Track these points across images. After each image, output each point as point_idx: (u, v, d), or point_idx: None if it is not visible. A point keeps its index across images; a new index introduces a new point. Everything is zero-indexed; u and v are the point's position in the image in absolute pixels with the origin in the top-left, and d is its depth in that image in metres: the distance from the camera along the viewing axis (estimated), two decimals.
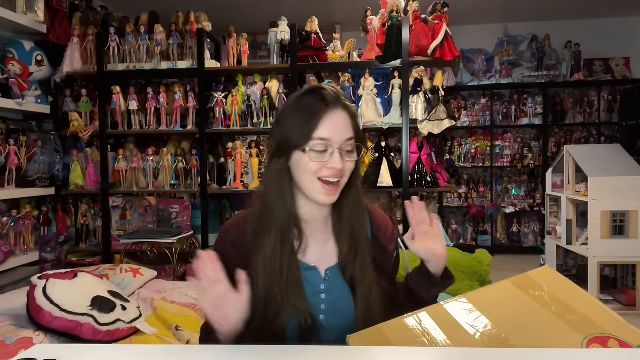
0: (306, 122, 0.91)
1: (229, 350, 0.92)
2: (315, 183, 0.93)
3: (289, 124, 0.94)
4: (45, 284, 1.68)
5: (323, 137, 0.91)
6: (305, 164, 0.92)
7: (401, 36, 2.77)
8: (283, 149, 0.94)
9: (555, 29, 4.97)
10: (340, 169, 0.92)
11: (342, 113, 0.94)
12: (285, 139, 0.93)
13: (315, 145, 0.91)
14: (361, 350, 0.82)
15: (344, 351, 0.82)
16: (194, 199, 3.29)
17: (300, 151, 0.92)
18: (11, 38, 2.80)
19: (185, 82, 3.12)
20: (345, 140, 0.92)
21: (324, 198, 0.94)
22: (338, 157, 0.91)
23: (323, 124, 0.91)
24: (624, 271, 3.34)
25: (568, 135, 5.04)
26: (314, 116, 0.91)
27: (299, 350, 0.86)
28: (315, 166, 0.91)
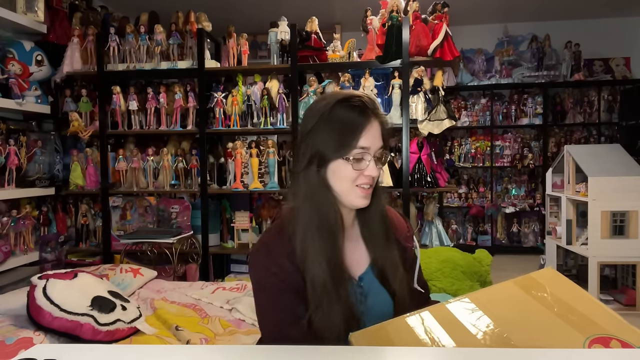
0: (349, 132, 0.93)
1: (229, 351, 0.92)
2: (353, 189, 0.95)
3: (328, 133, 0.94)
4: (45, 284, 1.67)
5: (364, 147, 0.93)
6: (345, 172, 0.94)
7: (401, 36, 2.77)
8: (321, 158, 0.95)
9: (555, 29, 4.97)
10: (376, 176, 0.96)
11: (377, 122, 0.96)
12: (324, 148, 0.94)
13: (356, 154, 0.93)
14: (367, 350, 0.82)
15: (350, 351, 0.82)
16: (194, 199, 3.29)
17: (342, 160, 0.94)
18: (11, 38, 2.79)
19: (185, 82, 3.12)
20: (379, 149, 0.96)
21: (361, 201, 0.97)
22: (374, 165, 0.95)
23: (365, 133, 0.94)
24: (624, 271, 3.34)
25: (568, 135, 5.04)
26: (358, 126, 0.93)
27: (308, 350, 0.86)
28: (354, 174, 0.94)
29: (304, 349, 0.87)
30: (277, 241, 0.96)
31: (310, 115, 0.99)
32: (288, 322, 0.92)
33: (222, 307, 2.12)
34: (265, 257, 0.95)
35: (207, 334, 1.82)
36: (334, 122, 0.94)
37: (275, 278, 0.92)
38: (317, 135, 0.95)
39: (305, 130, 0.98)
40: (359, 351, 0.82)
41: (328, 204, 0.96)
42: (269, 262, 0.94)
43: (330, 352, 0.83)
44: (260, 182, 3.01)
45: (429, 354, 0.79)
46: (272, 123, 3.00)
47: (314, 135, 0.96)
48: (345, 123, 0.94)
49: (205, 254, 3.05)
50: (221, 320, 1.96)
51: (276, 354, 0.86)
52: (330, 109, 0.95)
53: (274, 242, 0.96)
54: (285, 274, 0.92)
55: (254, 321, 1.97)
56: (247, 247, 3.12)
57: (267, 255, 0.95)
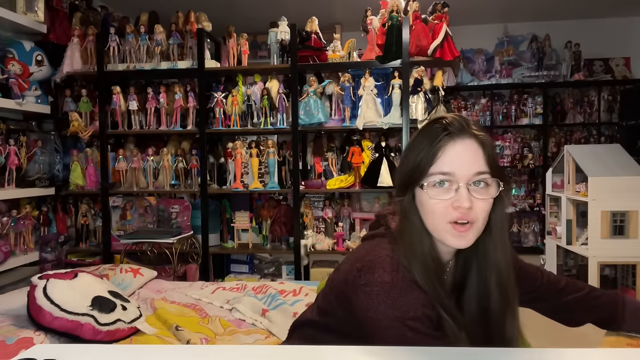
0: (425, 154, 0.83)
1: (229, 351, 0.92)
2: (442, 223, 0.83)
3: (410, 156, 0.86)
4: (46, 284, 1.67)
5: (444, 172, 0.81)
6: (427, 202, 0.83)
7: (401, 36, 2.77)
8: (405, 184, 0.86)
9: (555, 29, 4.97)
10: (468, 207, 0.80)
11: (470, 143, 0.83)
12: (406, 173, 0.86)
13: (434, 181, 0.82)
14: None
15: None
16: (194, 199, 3.29)
17: (418, 187, 0.84)
18: (11, 38, 2.79)
19: (185, 82, 3.12)
20: (474, 174, 0.81)
21: (453, 240, 0.83)
22: (465, 194, 0.80)
23: (444, 156, 0.82)
24: (624, 271, 3.34)
25: (568, 135, 5.04)
26: (433, 148, 0.82)
27: (308, 350, 0.86)
28: (438, 205, 0.82)
29: (304, 349, 0.87)
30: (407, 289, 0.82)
31: (408, 146, 0.91)
32: None
33: (222, 307, 2.13)
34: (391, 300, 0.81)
35: (207, 333, 1.82)
36: (416, 144, 0.86)
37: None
38: (405, 157, 0.88)
39: (403, 151, 0.94)
40: (349, 350, 0.82)
41: (425, 242, 0.85)
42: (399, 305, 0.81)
43: (330, 352, 0.83)
44: (260, 182, 3.01)
45: (428, 354, 0.79)
46: (272, 123, 3.00)
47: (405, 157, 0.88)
48: (423, 145, 0.84)
49: (205, 254, 3.06)
50: (221, 320, 1.96)
51: (276, 354, 0.86)
52: (419, 130, 0.88)
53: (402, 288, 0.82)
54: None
55: (254, 321, 1.98)
56: (247, 247, 3.12)
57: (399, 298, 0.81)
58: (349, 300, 0.88)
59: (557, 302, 1.08)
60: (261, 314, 2.02)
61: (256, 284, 2.32)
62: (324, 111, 2.90)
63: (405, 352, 0.79)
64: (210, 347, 1.19)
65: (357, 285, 0.84)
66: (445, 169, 0.81)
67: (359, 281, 0.84)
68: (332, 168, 3.06)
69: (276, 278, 3.13)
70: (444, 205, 0.82)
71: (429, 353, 0.79)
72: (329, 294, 0.99)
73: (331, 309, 0.97)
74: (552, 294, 1.08)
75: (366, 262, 0.86)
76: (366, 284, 0.83)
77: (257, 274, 3.26)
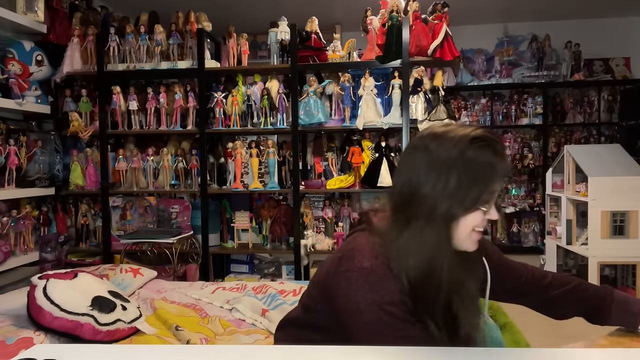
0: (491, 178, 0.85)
1: (229, 351, 0.92)
2: (471, 235, 0.89)
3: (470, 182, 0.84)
4: (46, 284, 1.67)
5: (496, 191, 0.87)
6: (473, 221, 0.87)
7: (401, 36, 2.77)
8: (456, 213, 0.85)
9: (555, 29, 4.97)
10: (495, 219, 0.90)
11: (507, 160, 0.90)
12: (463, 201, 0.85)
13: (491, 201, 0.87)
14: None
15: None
16: (194, 199, 3.29)
17: (480, 211, 0.86)
18: (11, 38, 2.79)
19: (185, 82, 3.12)
20: (500, 189, 0.90)
21: (474, 246, 0.91)
22: (494, 208, 0.88)
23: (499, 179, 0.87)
24: (624, 271, 3.34)
25: (568, 135, 5.04)
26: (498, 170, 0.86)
27: (309, 350, 0.86)
28: (478, 220, 0.87)
29: (304, 349, 0.87)
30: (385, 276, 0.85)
31: (430, 160, 0.87)
32: None
33: (222, 307, 2.13)
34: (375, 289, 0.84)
35: (207, 333, 1.82)
36: (473, 169, 0.84)
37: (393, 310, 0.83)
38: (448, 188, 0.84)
39: (422, 180, 0.86)
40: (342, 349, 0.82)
41: (449, 260, 0.87)
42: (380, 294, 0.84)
43: (329, 351, 0.83)
44: (260, 182, 3.01)
45: (429, 354, 0.79)
46: (272, 123, 3.00)
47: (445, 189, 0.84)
48: (485, 169, 0.84)
49: (205, 254, 3.06)
50: (221, 320, 1.96)
51: (276, 354, 0.86)
52: (462, 152, 0.84)
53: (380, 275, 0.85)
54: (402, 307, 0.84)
55: (254, 321, 1.98)
56: (247, 247, 3.12)
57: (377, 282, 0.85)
58: (329, 290, 0.91)
59: (544, 297, 1.11)
60: (261, 314, 2.02)
61: (256, 284, 2.32)
62: (324, 111, 2.90)
63: (406, 352, 0.80)
64: (210, 347, 1.19)
65: (338, 273, 0.88)
66: (498, 187, 0.87)
67: (339, 268, 0.88)
68: (332, 168, 3.06)
69: (276, 278, 3.13)
70: (482, 219, 0.88)
71: (425, 354, 0.79)
72: (311, 289, 1.02)
73: (313, 305, 1.00)
74: (538, 288, 1.11)
75: (346, 251, 0.91)
76: (346, 270, 0.87)
77: (257, 274, 3.26)
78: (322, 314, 0.96)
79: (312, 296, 1.01)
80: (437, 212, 0.85)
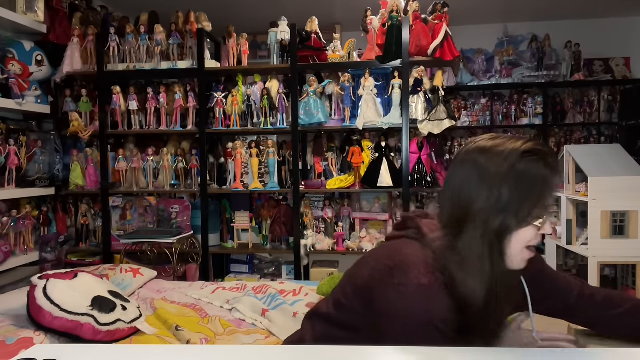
0: (547, 193, 0.84)
1: (229, 351, 0.92)
2: (524, 252, 0.87)
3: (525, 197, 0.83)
4: (46, 284, 1.68)
5: (547, 205, 0.86)
6: (527, 236, 0.85)
7: (401, 36, 2.77)
8: (509, 227, 0.84)
9: (555, 29, 4.97)
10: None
11: None
12: (517, 215, 0.83)
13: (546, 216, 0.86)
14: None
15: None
16: (194, 199, 3.29)
17: (533, 226, 0.85)
18: (11, 38, 2.79)
19: (185, 82, 3.12)
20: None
21: (524, 264, 0.89)
22: (548, 223, 0.86)
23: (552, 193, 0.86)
24: (624, 271, 3.34)
25: (568, 135, 5.04)
26: (553, 184, 0.85)
27: (308, 350, 0.86)
28: (531, 235, 0.86)
29: (304, 349, 0.87)
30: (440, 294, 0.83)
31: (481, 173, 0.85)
32: None
33: (222, 307, 2.13)
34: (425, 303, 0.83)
35: (207, 333, 1.82)
36: (524, 183, 0.83)
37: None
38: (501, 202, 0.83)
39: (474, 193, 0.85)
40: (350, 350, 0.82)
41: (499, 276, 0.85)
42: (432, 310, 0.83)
43: (330, 351, 0.83)
44: (260, 182, 3.01)
45: (428, 355, 0.79)
46: (272, 123, 3.00)
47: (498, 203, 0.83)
48: (538, 183, 0.83)
49: (205, 254, 3.06)
50: (221, 320, 1.96)
51: (276, 354, 0.86)
52: (514, 166, 0.83)
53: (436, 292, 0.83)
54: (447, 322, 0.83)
55: (254, 321, 1.98)
56: (247, 247, 3.12)
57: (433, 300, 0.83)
58: (371, 296, 0.88)
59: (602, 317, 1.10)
60: (261, 314, 2.02)
61: (256, 284, 2.32)
62: (324, 111, 2.90)
63: (406, 352, 0.79)
64: (210, 347, 1.19)
65: (389, 283, 0.85)
66: (552, 201, 0.86)
67: (392, 280, 0.85)
68: (332, 168, 3.06)
69: (276, 278, 3.13)
70: (536, 234, 0.86)
71: (435, 353, 0.79)
72: (348, 289, 0.99)
73: (348, 304, 0.97)
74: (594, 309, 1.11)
75: (397, 261, 0.87)
76: (400, 284, 0.83)
77: (257, 274, 3.26)
78: (355, 314, 0.95)
79: (348, 295, 0.98)
80: (490, 227, 0.84)
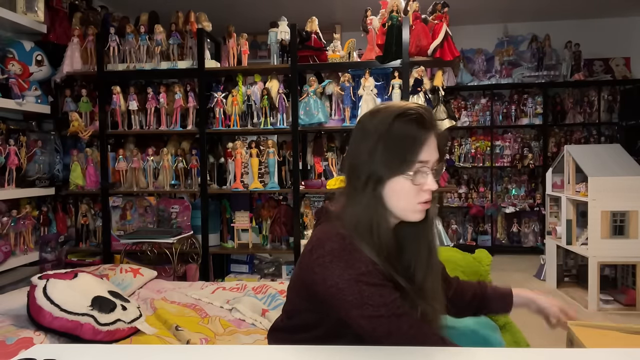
0: (410, 146, 0.91)
1: (229, 351, 0.92)
2: (413, 205, 0.94)
3: (387, 151, 0.92)
4: (46, 284, 1.68)
5: (423, 160, 0.92)
6: (404, 189, 0.92)
7: (401, 36, 2.77)
8: (378, 178, 0.93)
9: (555, 29, 4.97)
10: (434, 190, 0.94)
11: (434, 135, 0.94)
12: (382, 167, 0.92)
13: (416, 169, 0.92)
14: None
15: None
16: (194, 199, 3.29)
17: (401, 177, 0.92)
18: (11, 38, 2.79)
19: (185, 82, 3.12)
20: (436, 161, 0.94)
21: (416, 216, 0.96)
22: (432, 179, 0.93)
23: (424, 147, 0.92)
24: (624, 271, 3.34)
25: (568, 135, 5.04)
26: (418, 140, 0.92)
27: (307, 350, 0.86)
28: (414, 190, 0.93)
29: (304, 349, 0.87)
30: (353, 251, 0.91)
31: (364, 133, 0.96)
32: None
33: (222, 307, 2.13)
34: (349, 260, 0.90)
35: (207, 334, 1.82)
36: (393, 138, 0.92)
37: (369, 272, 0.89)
38: (374, 154, 0.92)
39: (358, 150, 0.95)
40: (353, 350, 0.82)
41: (386, 226, 0.94)
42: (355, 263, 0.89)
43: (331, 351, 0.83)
44: (260, 182, 3.01)
45: (426, 354, 0.79)
46: (272, 123, 3.00)
47: (371, 155, 0.92)
48: (404, 138, 0.92)
49: (205, 254, 3.06)
50: (221, 320, 1.96)
51: (276, 354, 0.86)
52: (389, 125, 0.92)
53: (349, 250, 0.91)
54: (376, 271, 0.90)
55: (254, 321, 1.98)
56: (247, 247, 3.12)
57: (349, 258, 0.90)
58: (308, 285, 0.94)
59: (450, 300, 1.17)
60: (261, 314, 2.02)
61: (256, 284, 2.32)
62: (324, 111, 2.90)
63: (406, 352, 0.80)
64: (210, 347, 1.19)
65: (311, 263, 0.92)
66: (424, 157, 0.92)
67: (312, 258, 0.92)
68: (332, 168, 3.06)
69: (276, 278, 3.13)
70: (417, 189, 0.93)
71: (425, 353, 0.79)
72: (290, 296, 1.06)
73: (295, 308, 1.03)
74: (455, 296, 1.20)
75: (314, 241, 0.95)
76: (318, 257, 0.91)
77: (257, 274, 3.26)
78: (307, 312, 1.00)
79: (292, 300, 1.05)
80: (369, 178, 0.93)
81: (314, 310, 0.97)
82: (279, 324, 1.10)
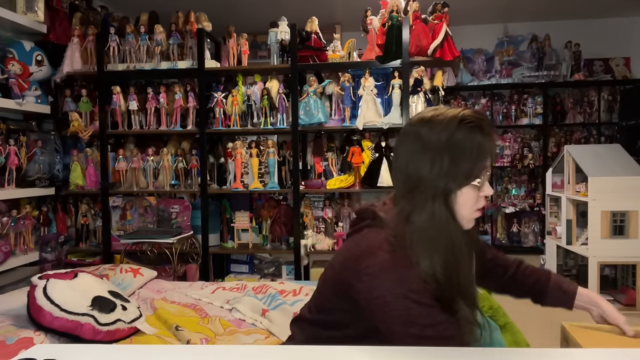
0: (479, 155, 0.90)
1: (229, 351, 0.92)
2: (472, 212, 0.93)
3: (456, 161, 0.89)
4: (46, 284, 1.67)
5: (487, 166, 0.92)
6: (470, 197, 0.92)
7: (401, 36, 2.77)
8: (450, 189, 0.90)
9: (555, 29, 4.97)
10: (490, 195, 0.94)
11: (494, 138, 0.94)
12: (452, 178, 0.90)
13: (483, 177, 0.91)
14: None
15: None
16: (194, 199, 3.29)
17: (469, 186, 0.91)
18: (11, 38, 2.79)
19: (185, 82, 3.12)
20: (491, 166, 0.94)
21: (473, 223, 0.96)
22: (488, 184, 0.93)
23: (489, 154, 0.91)
24: (624, 271, 3.34)
25: (568, 135, 5.04)
26: (486, 147, 0.90)
27: (308, 350, 0.86)
28: (475, 198, 0.92)
29: (304, 349, 0.87)
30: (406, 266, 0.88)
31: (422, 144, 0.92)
32: None
33: (222, 307, 2.13)
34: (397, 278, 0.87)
35: (207, 334, 1.82)
36: (459, 148, 0.89)
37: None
38: (440, 166, 0.89)
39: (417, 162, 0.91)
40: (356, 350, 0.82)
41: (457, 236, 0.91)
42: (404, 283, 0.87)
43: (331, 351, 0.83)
44: (260, 182, 3.02)
45: (431, 355, 0.79)
46: (272, 123, 3.00)
47: (436, 168, 0.89)
48: (471, 147, 0.89)
49: (205, 254, 3.06)
50: (221, 320, 1.96)
51: (276, 354, 0.86)
52: (451, 134, 0.90)
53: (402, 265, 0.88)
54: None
55: (254, 321, 1.98)
56: (247, 247, 3.12)
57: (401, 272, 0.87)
58: (348, 289, 0.92)
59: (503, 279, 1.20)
60: (261, 314, 2.02)
61: (256, 284, 2.32)
62: (324, 111, 2.90)
63: (406, 352, 0.80)
64: (210, 347, 1.19)
65: (359, 270, 0.89)
66: (488, 163, 0.92)
67: (360, 266, 0.89)
68: (332, 168, 3.06)
69: (276, 278, 3.13)
70: (478, 196, 0.92)
71: (431, 353, 0.79)
72: (324, 290, 1.02)
73: (330, 305, 0.99)
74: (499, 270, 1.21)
75: (363, 248, 0.92)
76: (367, 266, 0.88)
77: (257, 274, 3.26)
78: (340, 312, 0.97)
79: (327, 297, 1.01)
80: (436, 192, 0.90)
81: (350, 311, 0.95)
82: (306, 315, 1.06)
